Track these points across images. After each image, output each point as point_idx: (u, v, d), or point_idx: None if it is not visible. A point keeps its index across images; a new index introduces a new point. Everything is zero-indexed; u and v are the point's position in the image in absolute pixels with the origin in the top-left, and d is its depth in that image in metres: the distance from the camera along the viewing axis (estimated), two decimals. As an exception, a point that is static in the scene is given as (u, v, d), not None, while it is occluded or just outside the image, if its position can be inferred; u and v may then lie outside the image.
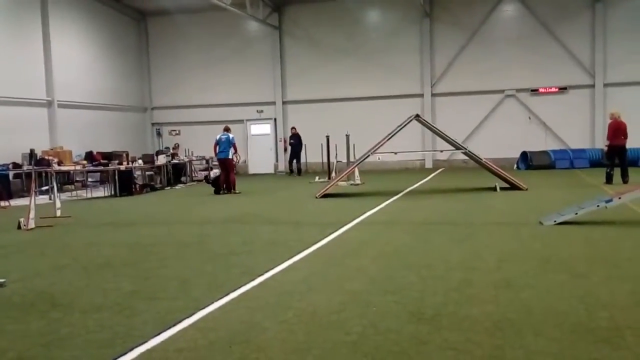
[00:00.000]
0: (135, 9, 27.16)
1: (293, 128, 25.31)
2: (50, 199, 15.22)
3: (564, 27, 23.99)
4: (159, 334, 4.57)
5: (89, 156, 21.37)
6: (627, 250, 7.19)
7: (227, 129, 17.33)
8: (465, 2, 24.85)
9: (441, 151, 21.40)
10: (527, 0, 24.31)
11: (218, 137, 17.05)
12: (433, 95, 25.36)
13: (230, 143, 16.84)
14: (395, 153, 15.66)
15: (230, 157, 16.81)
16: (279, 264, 6.91)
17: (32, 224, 10.69)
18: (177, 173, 21.94)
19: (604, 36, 23.61)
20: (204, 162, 24.47)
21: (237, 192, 16.65)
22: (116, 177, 17.60)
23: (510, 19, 24.74)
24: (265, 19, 25.61)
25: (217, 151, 16.92)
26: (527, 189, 14.42)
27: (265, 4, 25.43)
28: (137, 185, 18.33)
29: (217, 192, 16.77)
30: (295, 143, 24.73)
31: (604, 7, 23.54)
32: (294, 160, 24.74)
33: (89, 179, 20.05)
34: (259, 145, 27.35)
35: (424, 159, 25.73)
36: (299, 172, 24.51)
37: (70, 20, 22.98)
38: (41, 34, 21.18)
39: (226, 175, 16.85)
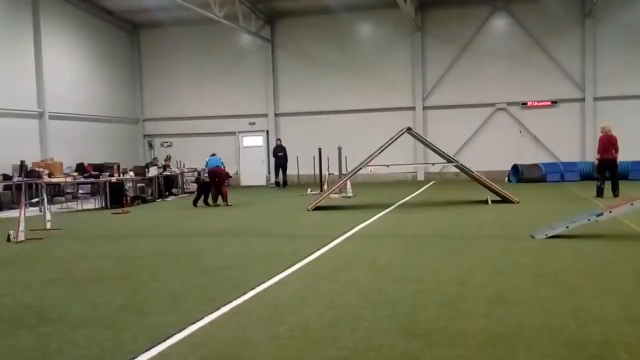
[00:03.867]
0: (128, 21, 27.18)
1: (278, 140, 25.39)
2: (40, 211, 15.12)
3: (554, 41, 24.23)
4: (148, 349, 4.52)
5: (80, 168, 21.25)
6: (618, 264, 7.21)
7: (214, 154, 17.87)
8: (456, 17, 25.05)
9: (433, 164, 21.35)
10: (517, 15, 24.55)
11: (207, 159, 17.52)
12: (425, 108, 25.48)
13: (220, 159, 17.20)
14: (387, 166, 15.69)
15: (221, 167, 16.97)
16: (271, 278, 6.88)
17: (21, 237, 10.60)
18: (168, 185, 21.87)
19: (594, 51, 23.86)
20: (196, 174, 24.39)
21: (229, 204, 16.62)
22: (107, 189, 17.52)
23: (501, 34, 24.95)
24: (258, 31, 25.71)
25: (208, 166, 17.20)
26: (518, 202, 14.47)
27: (257, 17, 25.55)
28: (128, 197, 18.23)
29: (200, 201, 16.74)
30: (281, 155, 24.76)
31: (593, 22, 23.79)
32: (280, 172, 24.76)
33: (80, 191, 19.91)
34: (250, 158, 27.33)
35: (415, 172, 25.80)
36: (285, 184, 24.53)
37: (62, 32, 22.97)
38: (33, 46, 21.14)
39: (217, 188, 16.84)
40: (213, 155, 17.64)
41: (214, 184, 16.93)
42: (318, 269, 7.48)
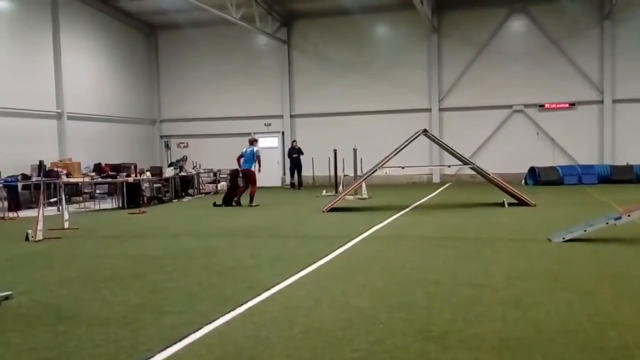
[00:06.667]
0: (146, 23, 27.40)
1: (294, 141, 25.43)
2: (58, 211, 15.27)
3: (572, 43, 24.02)
4: (165, 348, 4.55)
5: (98, 168, 21.47)
6: (636, 268, 7.13)
7: (251, 142, 17.16)
8: (473, 18, 24.93)
9: (449, 166, 21.33)
10: (535, 17, 24.38)
11: (243, 150, 17.04)
12: (441, 110, 25.39)
13: (254, 156, 16.81)
14: (403, 167, 15.63)
15: (252, 169, 16.82)
16: (286, 279, 6.89)
17: (40, 236, 10.72)
18: (184, 185, 21.99)
19: (613, 53, 23.61)
20: (212, 174, 24.52)
21: (253, 205, 16.47)
22: (124, 189, 17.66)
23: (519, 35, 24.79)
24: (274, 33, 25.79)
25: (241, 163, 16.99)
26: (535, 205, 14.35)
27: (274, 19, 25.63)
28: (145, 198, 18.35)
29: (227, 204, 16.81)
30: (296, 156, 24.80)
31: (612, 24, 23.56)
32: (295, 173, 24.80)
33: (97, 191, 20.09)
34: (266, 159, 27.27)
35: (431, 174, 25.70)
36: (300, 185, 24.57)
37: (81, 34, 23.21)
38: (52, 47, 21.38)
39: (246, 187, 16.96)
40: (251, 145, 16.95)
41: (245, 182, 17.05)
42: (333, 271, 7.48)
